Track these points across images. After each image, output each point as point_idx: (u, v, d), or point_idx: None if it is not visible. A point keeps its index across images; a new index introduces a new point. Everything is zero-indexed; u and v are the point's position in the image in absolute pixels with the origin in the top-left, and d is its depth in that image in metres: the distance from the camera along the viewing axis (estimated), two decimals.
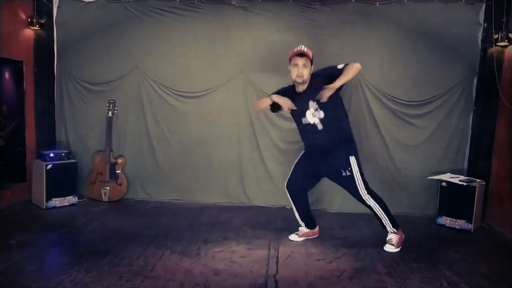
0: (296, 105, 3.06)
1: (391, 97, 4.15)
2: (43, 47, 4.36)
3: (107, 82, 4.42)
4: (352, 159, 3.08)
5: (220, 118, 4.37)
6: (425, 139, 4.17)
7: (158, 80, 4.37)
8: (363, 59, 4.10)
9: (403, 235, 3.25)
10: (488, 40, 3.94)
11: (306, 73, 3.00)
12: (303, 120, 3.10)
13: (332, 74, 2.94)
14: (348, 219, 4.00)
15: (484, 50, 4.01)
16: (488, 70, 3.91)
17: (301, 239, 3.44)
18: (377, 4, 4.08)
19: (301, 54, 3.00)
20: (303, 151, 3.35)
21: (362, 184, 3.09)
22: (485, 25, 3.98)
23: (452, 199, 3.77)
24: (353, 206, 4.25)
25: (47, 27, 4.34)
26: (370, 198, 3.11)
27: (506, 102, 3.71)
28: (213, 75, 4.32)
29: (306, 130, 3.15)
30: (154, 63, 4.36)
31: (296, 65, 3.00)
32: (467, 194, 3.69)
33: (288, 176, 3.37)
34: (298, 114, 3.14)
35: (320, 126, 3.04)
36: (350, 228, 3.77)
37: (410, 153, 4.20)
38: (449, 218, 3.81)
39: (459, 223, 3.75)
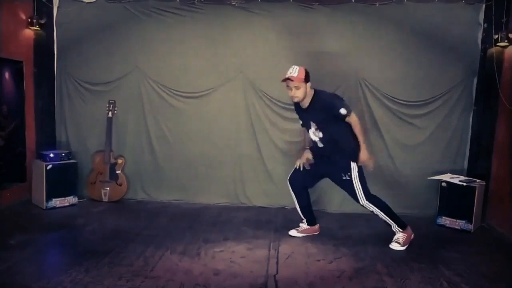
0: (302, 119, 3.32)
1: (391, 97, 4.15)
2: (43, 47, 4.35)
3: (107, 82, 4.41)
4: (353, 165, 3.14)
5: (220, 118, 4.37)
6: (425, 139, 4.17)
7: (158, 80, 4.37)
8: (363, 59, 4.15)
9: (412, 234, 3.32)
10: (488, 41, 3.94)
11: (300, 93, 3.09)
12: (310, 132, 3.25)
13: (334, 114, 3.07)
14: (348, 219, 4.00)
15: (484, 50, 4.00)
16: (488, 70, 3.91)
17: (301, 235, 3.48)
18: (377, 4, 4.08)
19: (289, 79, 3.06)
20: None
21: (362, 192, 3.18)
22: (485, 25, 3.98)
23: (452, 199, 3.77)
24: (353, 206, 4.24)
25: (47, 27, 4.33)
26: (370, 204, 3.22)
27: (506, 102, 3.71)
28: (213, 75, 4.32)
29: (312, 140, 3.29)
30: (154, 63, 4.36)
31: (288, 87, 3.10)
32: (467, 194, 3.69)
33: (292, 171, 3.42)
34: (305, 126, 3.35)
35: (320, 144, 3.21)
36: (350, 228, 3.77)
37: (410, 153, 4.20)
38: (449, 218, 3.81)
39: (459, 223, 3.75)
